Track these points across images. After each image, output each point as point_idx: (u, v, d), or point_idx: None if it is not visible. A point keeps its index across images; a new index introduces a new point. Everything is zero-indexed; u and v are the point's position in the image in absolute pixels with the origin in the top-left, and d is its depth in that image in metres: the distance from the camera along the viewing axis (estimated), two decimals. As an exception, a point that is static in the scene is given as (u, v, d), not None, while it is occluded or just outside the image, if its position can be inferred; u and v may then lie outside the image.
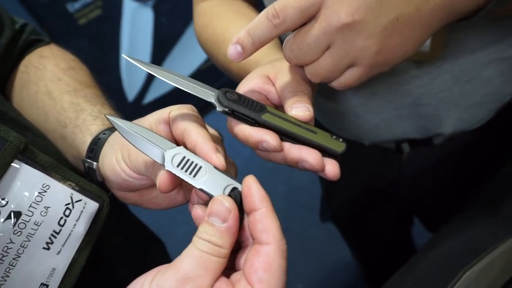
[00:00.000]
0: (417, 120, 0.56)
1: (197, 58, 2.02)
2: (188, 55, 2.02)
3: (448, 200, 0.70)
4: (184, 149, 0.30)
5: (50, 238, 0.34)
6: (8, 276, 0.31)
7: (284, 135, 0.34)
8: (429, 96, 0.53)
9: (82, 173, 0.40)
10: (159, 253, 0.56)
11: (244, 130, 0.34)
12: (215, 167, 0.29)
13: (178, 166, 0.29)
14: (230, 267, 0.28)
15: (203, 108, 0.36)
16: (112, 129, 0.41)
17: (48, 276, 0.33)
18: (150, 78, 2.01)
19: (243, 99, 0.35)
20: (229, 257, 0.26)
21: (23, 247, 0.32)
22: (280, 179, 1.59)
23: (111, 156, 0.37)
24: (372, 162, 0.71)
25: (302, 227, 1.41)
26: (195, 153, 0.31)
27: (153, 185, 0.37)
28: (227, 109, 0.34)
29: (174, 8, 1.85)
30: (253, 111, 0.34)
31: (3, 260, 0.31)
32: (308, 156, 0.32)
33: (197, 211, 0.29)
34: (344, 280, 1.27)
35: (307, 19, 0.32)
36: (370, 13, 0.30)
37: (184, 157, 0.29)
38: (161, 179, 0.30)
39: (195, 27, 0.60)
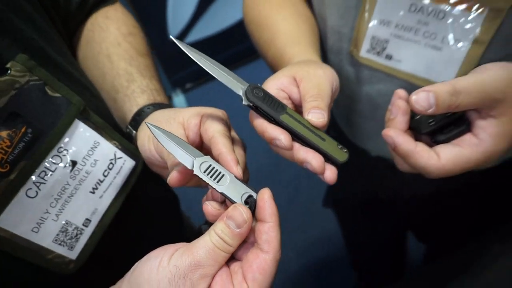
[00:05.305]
0: None
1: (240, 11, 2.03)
2: (232, 5, 2.00)
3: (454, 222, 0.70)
4: (211, 158, 0.35)
5: (95, 185, 0.43)
6: (64, 209, 0.40)
7: (296, 137, 0.38)
8: None
9: (123, 133, 0.48)
10: (173, 207, 0.64)
11: (262, 125, 0.38)
12: (235, 176, 0.35)
13: (204, 172, 0.35)
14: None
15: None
16: (155, 105, 0.47)
17: (91, 214, 0.42)
18: (196, 17, 2.00)
19: (267, 97, 0.39)
20: None
21: (75, 189, 0.41)
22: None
23: (145, 133, 0.43)
24: (376, 173, 0.70)
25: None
26: (218, 161, 0.36)
27: None
28: (251, 104, 0.38)
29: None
30: (274, 110, 0.38)
31: (61, 197, 0.40)
32: (312, 160, 0.37)
33: (207, 208, 0.34)
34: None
35: None
36: None
37: (210, 165, 0.35)
38: (173, 176, 0.36)
39: (243, 4, 0.62)
